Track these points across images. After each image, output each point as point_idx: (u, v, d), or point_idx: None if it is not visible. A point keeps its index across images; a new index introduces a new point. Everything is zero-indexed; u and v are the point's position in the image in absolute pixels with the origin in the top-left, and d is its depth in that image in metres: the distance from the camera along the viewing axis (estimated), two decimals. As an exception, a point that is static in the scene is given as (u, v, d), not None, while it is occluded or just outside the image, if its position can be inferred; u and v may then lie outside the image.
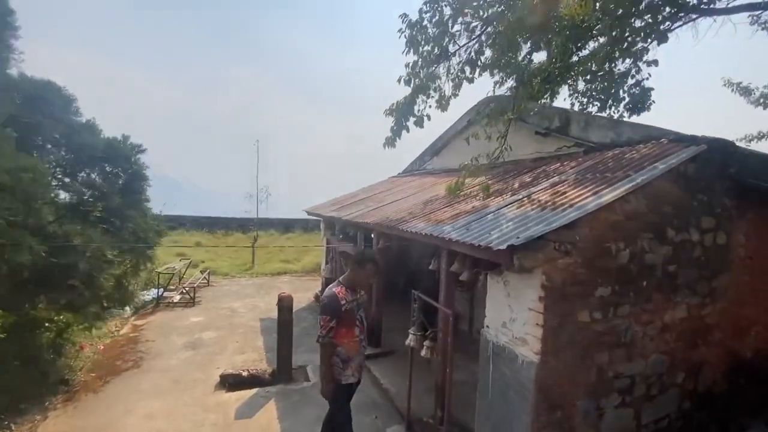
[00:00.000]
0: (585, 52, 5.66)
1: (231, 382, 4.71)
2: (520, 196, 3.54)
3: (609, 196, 2.74)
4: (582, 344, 2.72)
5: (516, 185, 4.18)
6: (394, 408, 4.42)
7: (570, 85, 6.37)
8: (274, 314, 7.72)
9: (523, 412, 2.65)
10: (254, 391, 4.61)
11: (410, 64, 4.91)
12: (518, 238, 2.42)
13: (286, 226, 23.95)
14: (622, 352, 2.92)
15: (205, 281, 9.93)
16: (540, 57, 6.02)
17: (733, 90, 7.86)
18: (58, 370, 4.42)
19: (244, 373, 4.80)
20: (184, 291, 8.30)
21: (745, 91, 7.55)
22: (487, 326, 3.09)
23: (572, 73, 5.85)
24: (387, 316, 6.13)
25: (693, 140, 3.42)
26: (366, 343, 3.18)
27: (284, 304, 4.93)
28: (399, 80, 5.12)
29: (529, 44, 5.05)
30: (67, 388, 4.35)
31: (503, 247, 2.38)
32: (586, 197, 2.85)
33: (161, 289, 8.22)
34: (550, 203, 3.00)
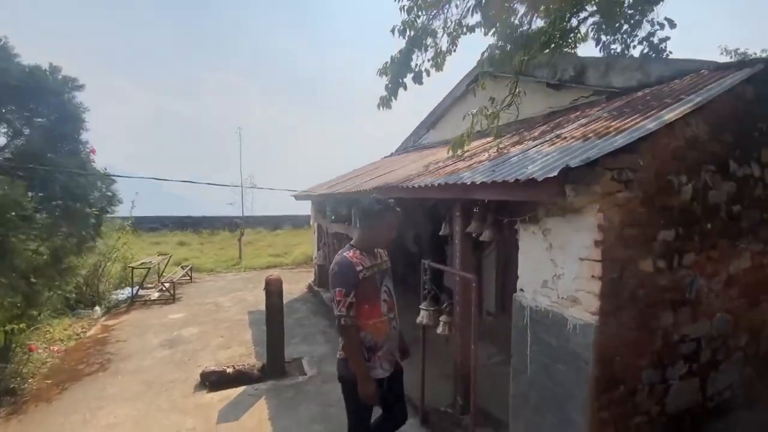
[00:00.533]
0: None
1: (213, 381, 4.06)
2: (548, 138, 2.99)
3: (670, 115, 2.19)
4: (645, 301, 2.17)
5: (536, 134, 3.63)
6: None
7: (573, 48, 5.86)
8: (264, 306, 7.11)
9: (577, 388, 2.10)
10: (241, 389, 3.98)
11: (405, 8, 4.31)
12: (570, 164, 1.84)
13: (275, 223, 23.16)
14: (687, 311, 2.38)
15: (187, 277, 9.19)
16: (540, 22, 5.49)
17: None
18: (1, 379, 3.71)
19: (229, 370, 4.16)
20: (163, 288, 7.57)
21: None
22: (521, 290, 2.53)
23: (572, 38, 5.33)
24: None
25: (740, 65, 2.92)
26: (398, 323, 2.31)
27: (273, 288, 4.30)
28: (393, 30, 4.53)
29: (524, 7, 4.50)
30: (14, 398, 3.65)
31: (554, 174, 1.81)
32: (638, 122, 2.31)
33: (137, 287, 7.47)
34: (592, 134, 2.45)
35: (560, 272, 2.21)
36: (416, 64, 4.58)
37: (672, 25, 4.84)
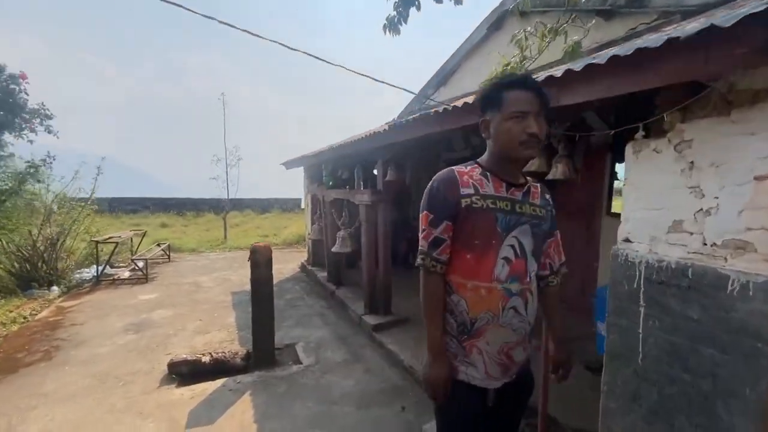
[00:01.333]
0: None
1: (184, 373, 3.23)
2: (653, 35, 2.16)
3: None
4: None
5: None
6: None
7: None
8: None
9: (745, 382, 1.32)
10: (219, 382, 3.16)
11: None
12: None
13: (263, 206, 22.21)
14: None
15: (164, 256, 8.25)
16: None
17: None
18: None
19: (205, 358, 3.33)
20: (135, 266, 6.64)
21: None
22: (626, 239, 1.72)
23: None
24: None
25: None
26: (532, 305, 1.30)
27: (260, 257, 3.44)
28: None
29: None
30: None
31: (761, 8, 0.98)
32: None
33: (103, 265, 6.52)
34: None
35: (710, 205, 1.41)
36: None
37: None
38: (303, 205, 7.53)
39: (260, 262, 3.46)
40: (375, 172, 4.63)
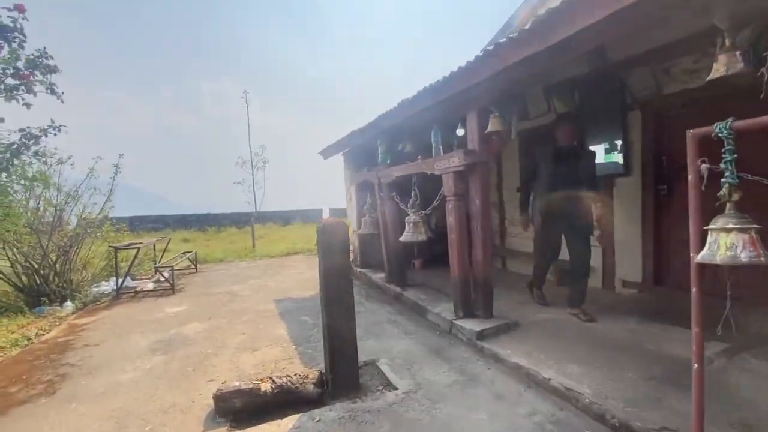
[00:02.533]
0: None
1: (238, 408, 2.22)
2: None
3: None
4: None
5: None
6: (606, 427, 1.98)
7: None
8: (295, 293, 5.21)
9: None
10: (290, 422, 2.14)
11: None
12: None
13: (285, 218, 21.56)
14: None
15: (191, 266, 7.38)
16: None
17: None
18: None
19: (264, 386, 2.32)
20: (161, 277, 5.75)
21: None
22: None
23: None
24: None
25: None
26: None
27: (333, 238, 2.44)
28: None
29: None
30: None
31: None
32: None
33: (124, 276, 5.64)
34: None
35: None
36: None
37: None
38: (347, 198, 6.56)
39: (334, 245, 2.45)
40: (459, 131, 3.62)
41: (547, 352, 2.75)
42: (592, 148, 4.17)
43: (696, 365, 1.59)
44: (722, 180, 1.48)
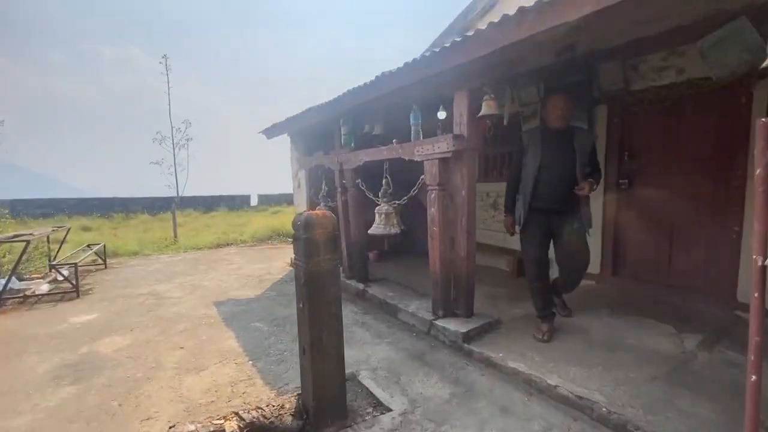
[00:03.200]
0: None
1: (198, 461, 1.68)
2: None
3: None
4: None
5: None
6: (633, 442, 1.84)
7: None
8: (238, 293, 4.53)
9: None
10: (272, 471, 1.66)
11: None
12: None
13: (208, 204, 19.72)
14: None
15: (99, 261, 6.15)
16: None
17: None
18: None
19: (230, 426, 1.79)
20: (60, 275, 4.62)
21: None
22: None
23: None
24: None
25: None
26: None
27: (318, 233, 1.96)
28: None
29: None
30: None
31: None
32: None
33: (6, 277, 4.41)
34: None
35: None
36: None
37: None
38: (294, 185, 5.92)
39: (319, 244, 1.98)
40: (440, 114, 3.29)
41: (541, 352, 2.60)
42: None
43: (754, 377, 1.47)
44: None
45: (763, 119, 1.47)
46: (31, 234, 4.69)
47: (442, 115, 3.24)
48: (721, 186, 3.34)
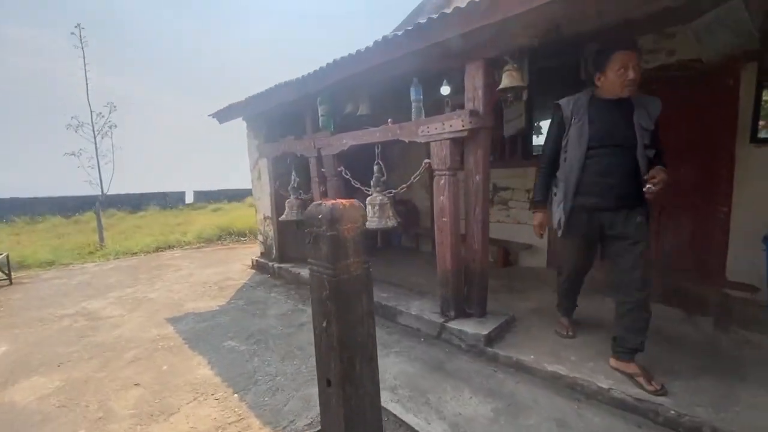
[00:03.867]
0: None
1: None
2: None
3: None
4: None
5: None
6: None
7: None
8: (197, 305, 3.80)
9: None
10: None
11: None
12: None
13: (135, 203, 17.66)
14: None
15: (3, 276, 4.93)
16: None
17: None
18: None
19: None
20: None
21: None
22: None
23: None
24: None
25: None
26: None
27: (346, 230, 1.49)
28: None
29: None
30: None
31: None
32: None
33: None
34: None
35: None
36: None
37: None
38: (254, 177, 5.19)
39: (346, 240, 1.50)
40: (443, 89, 2.91)
41: (575, 350, 2.37)
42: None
43: None
44: None
45: None
46: None
47: (446, 90, 2.87)
48: (710, 167, 3.38)
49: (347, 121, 3.60)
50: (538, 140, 4.95)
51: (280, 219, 4.33)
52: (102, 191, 8.61)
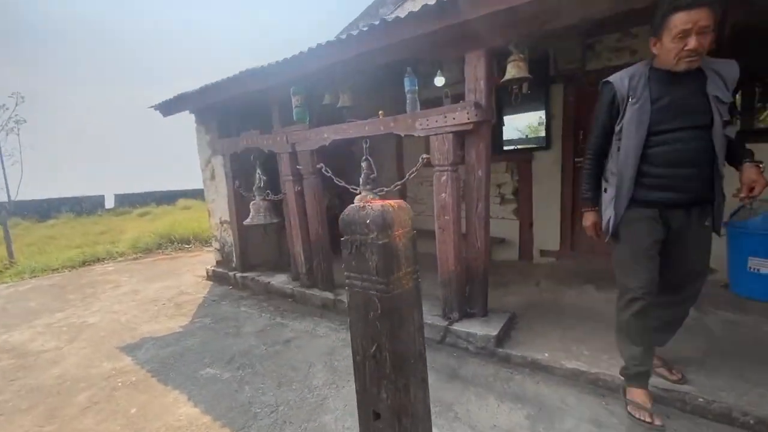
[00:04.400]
0: None
1: None
2: None
3: None
4: None
5: None
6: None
7: None
8: (153, 327, 3.36)
9: None
10: None
11: None
12: None
13: (42, 212, 15.45)
14: None
15: None
16: None
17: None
18: None
19: None
20: None
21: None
22: None
23: None
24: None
25: None
26: None
27: (397, 236, 1.26)
28: None
29: None
30: None
31: None
32: None
33: None
34: None
35: None
36: None
37: None
38: (206, 176, 4.63)
39: (398, 249, 1.27)
40: (437, 80, 2.75)
41: (586, 343, 2.38)
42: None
43: None
44: None
45: None
46: None
47: (439, 81, 2.72)
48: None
49: (323, 114, 3.31)
50: (508, 134, 5.02)
51: (244, 223, 3.89)
52: (9, 197, 7.24)
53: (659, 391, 1.91)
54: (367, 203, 1.32)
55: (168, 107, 4.22)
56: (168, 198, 18.45)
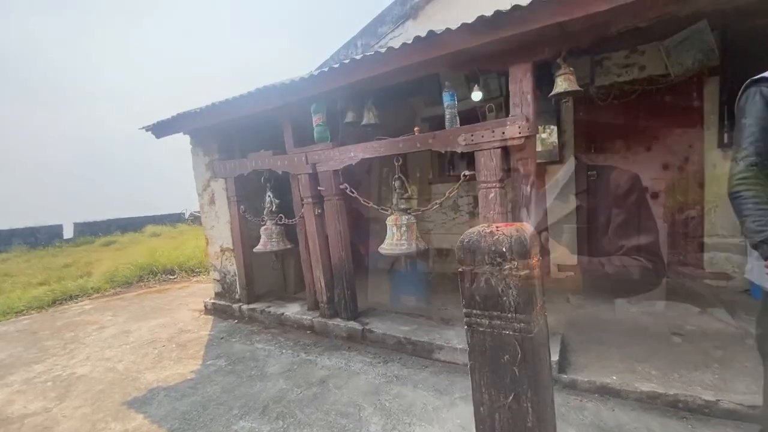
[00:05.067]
0: None
1: None
2: None
3: None
4: None
5: None
6: None
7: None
8: (160, 376, 3.01)
9: None
10: None
11: None
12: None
13: (-7, 243, 14.21)
14: None
15: None
16: None
17: None
18: None
19: None
20: None
21: None
22: None
23: None
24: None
25: None
26: None
27: (532, 257, 1.56)
28: None
29: None
30: None
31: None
32: None
33: None
34: None
35: None
36: None
37: None
38: (201, 201, 4.27)
39: (536, 280, 1.12)
40: (474, 95, 2.66)
41: (648, 363, 2.27)
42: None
43: None
44: None
45: None
46: None
47: (477, 96, 2.63)
48: (682, 175, 3.72)
49: (350, 132, 3.14)
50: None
51: (255, 250, 3.60)
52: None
53: (746, 409, 1.82)
54: (494, 227, 1.16)
55: (162, 128, 3.89)
56: (133, 225, 17.37)
